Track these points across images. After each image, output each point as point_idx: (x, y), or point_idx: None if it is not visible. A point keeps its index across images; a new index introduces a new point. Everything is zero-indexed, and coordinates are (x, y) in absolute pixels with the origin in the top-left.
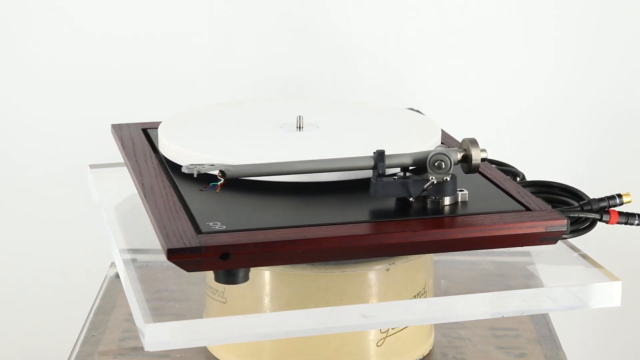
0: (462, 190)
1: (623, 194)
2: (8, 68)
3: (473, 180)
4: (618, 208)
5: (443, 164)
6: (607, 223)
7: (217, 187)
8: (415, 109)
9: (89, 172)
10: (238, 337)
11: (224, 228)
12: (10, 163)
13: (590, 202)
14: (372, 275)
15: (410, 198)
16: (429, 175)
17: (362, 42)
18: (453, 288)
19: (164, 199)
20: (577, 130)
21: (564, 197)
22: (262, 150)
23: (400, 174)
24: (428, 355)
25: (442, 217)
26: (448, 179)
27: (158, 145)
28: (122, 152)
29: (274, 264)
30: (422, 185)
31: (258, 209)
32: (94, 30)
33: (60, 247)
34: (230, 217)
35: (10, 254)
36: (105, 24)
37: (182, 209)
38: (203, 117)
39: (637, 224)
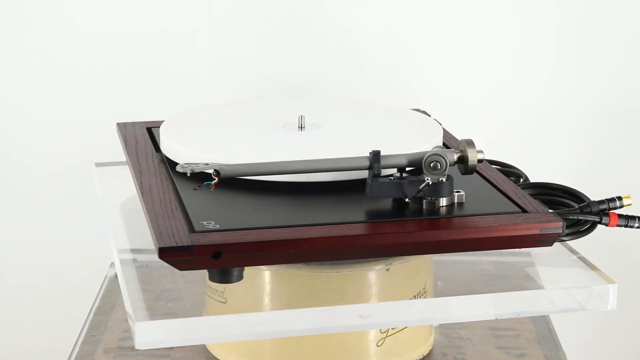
0: (458, 192)
1: (623, 197)
2: (8, 68)
3: (472, 182)
4: (618, 210)
5: (439, 165)
6: (606, 226)
7: (211, 186)
8: (422, 110)
9: (95, 170)
10: (232, 336)
11: (218, 227)
12: (10, 163)
13: (590, 204)
14: (372, 275)
15: (406, 199)
16: (425, 176)
17: (364, 41)
18: (452, 288)
19: (161, 198)
20: (577, 130)
21: (566, 199)
22: (262, 150)
23: (397, 175)
24: (428, 355)
25: (436, 218)
26: (444, 180)
27: (160, 144)
28: (124, 150)
29: (267, 264)
30: (417, 186)
31: (253, 209)
32: (95, 30)
33: (61, 247)
34: (225, 216)
35: (10, 254)
36: (106, 24)
37: (177, 208)
38: (205, 116)
39: (637, 227)
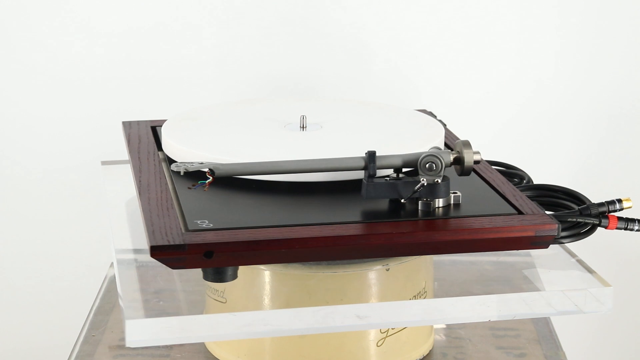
0: (455, 193)
1: (623, 199)
2: (11, 66)
3: (470, 183)
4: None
5: (434, 166)
6: (606, 228)
7: (205, 185)
8: (428, 111)
9: (101, 168)
10: (224, 335)
11: (211, 226)
12: (11, 163)
13: (590, 207)
14: (372, 276)
15: (402, 200)
16: (420, 177)
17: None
18: (450, 289)
19: (158, 196)
20: (577, 131)
21: (566, 201)
22: (262, 150)
23: (393, 175)
24: (428, 355)
25: (430, 219)
26: (440, 181)
27: (162, 143)
28: (127, 148)
29: (259, 263)
30: (412, 187)
31: (249, 208)
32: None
33: (61, 247)
34: (220, 215)
35: (10, 254)
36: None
37: (173, 207)
38: (207, 115)
39: (637, 230)
